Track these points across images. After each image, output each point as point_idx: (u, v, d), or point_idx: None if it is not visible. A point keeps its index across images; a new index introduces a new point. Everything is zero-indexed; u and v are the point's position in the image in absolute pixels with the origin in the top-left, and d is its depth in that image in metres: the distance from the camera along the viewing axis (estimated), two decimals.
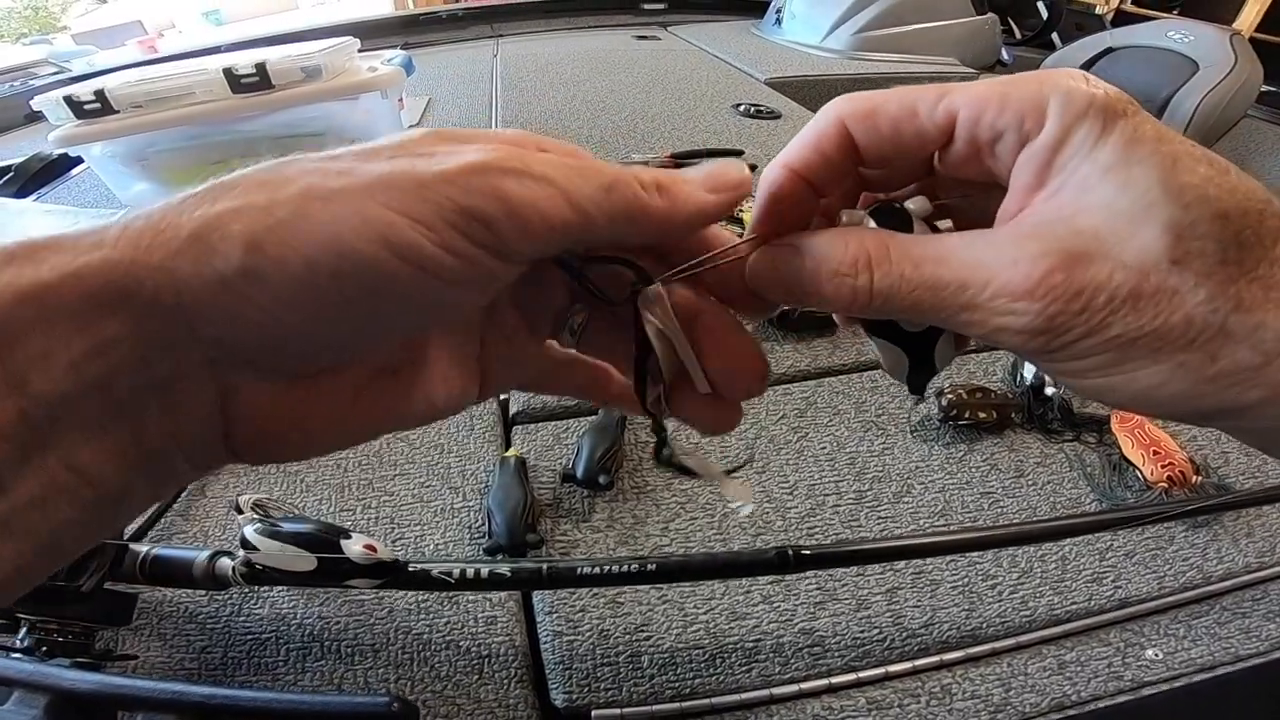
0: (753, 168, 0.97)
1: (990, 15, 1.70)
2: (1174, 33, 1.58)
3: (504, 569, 0.37)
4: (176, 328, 0.15)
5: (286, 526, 0.35)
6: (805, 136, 0.19)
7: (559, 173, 0.16)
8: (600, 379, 0.23)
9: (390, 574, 0.36)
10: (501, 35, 1.99)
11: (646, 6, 2.13)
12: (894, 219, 0.19)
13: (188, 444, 0.16)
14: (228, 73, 0.85)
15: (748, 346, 0.20)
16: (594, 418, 0.52)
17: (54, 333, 0.13)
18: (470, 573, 0.36)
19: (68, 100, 0.82)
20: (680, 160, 0.98)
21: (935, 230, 0.20)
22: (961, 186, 0.20)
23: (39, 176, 1.06)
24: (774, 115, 1.19)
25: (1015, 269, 0.16)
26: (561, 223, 0.16)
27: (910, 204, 0.20)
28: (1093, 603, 0.41)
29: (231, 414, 0.16)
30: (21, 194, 1.02)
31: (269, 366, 0.16)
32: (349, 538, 0.35)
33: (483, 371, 0.20)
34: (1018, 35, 2.08)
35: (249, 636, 0.39)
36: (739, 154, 1.01)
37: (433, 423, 0.20)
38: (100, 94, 0.83)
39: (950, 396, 0.52)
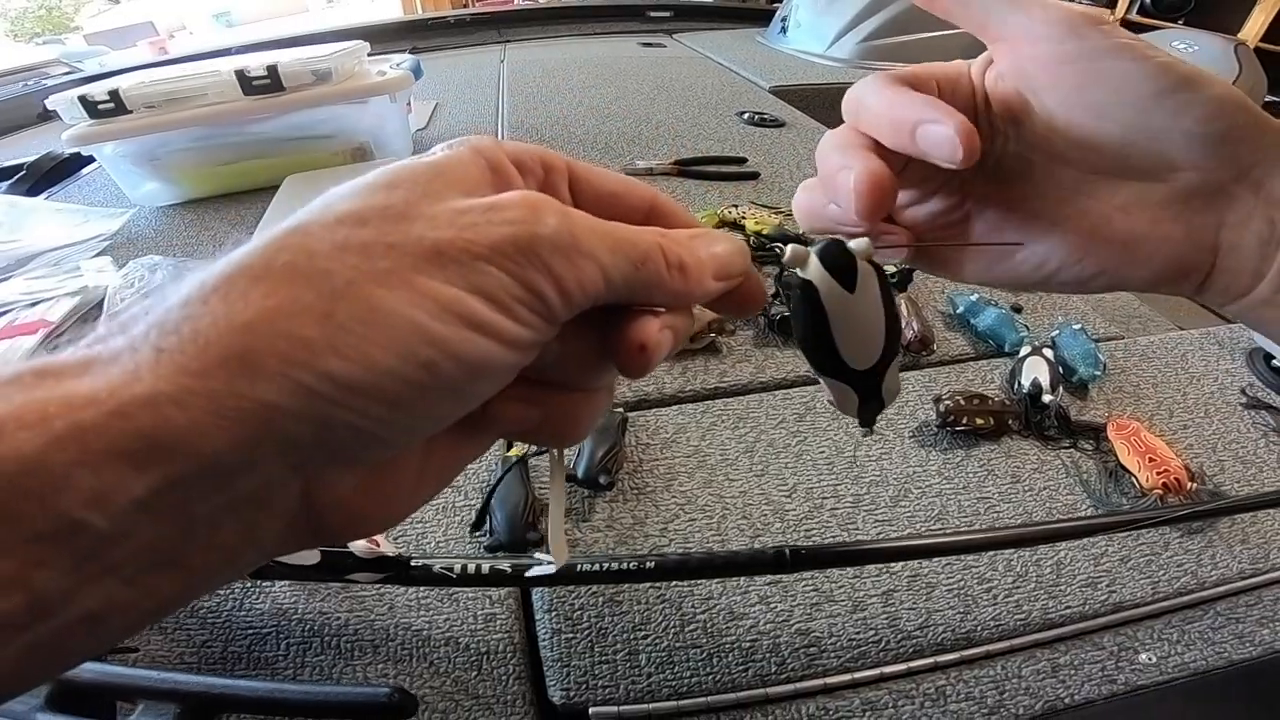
0: (754, 175, 0.98)
1: None
2: (1178, 42, 1.59)
3: (505, 565, 0.37)
4: (260, 450, 0.14)
5: None
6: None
7: (600, 249, 0.17)
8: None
9: (393, 569, 0.36)
10: (508, 41, 2.00)
11: (652, 14, 2.15)
12: (838, 256, 0.20)
13: (262, 543, 0.16)
14: (240, 74, 0.86)
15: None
16: None
17: (104, 475, 0.12)
18: (472, 568, 0.37)
19: (82, 100, 0.83)
20: (685, 167, 0.98)
21: (877, 269, 0.21)
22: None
23: (50, 175, 1.07)
24: (778, 123, 1.19)
25: None
26: (595, 294, 0.17)
27: (853, 244, 0.20)
28: (1087, 607, 0.41)
29: (316, 508, 0.16)
30: (33, 192, 1.03)
31: (364, 461, 0.16)
32: None
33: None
34: None
35: (249, 631, 0.40)
36: (742, 161, 1.01)
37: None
38: (114, 94, 0.84)
39: (948, 403, 0.53)
